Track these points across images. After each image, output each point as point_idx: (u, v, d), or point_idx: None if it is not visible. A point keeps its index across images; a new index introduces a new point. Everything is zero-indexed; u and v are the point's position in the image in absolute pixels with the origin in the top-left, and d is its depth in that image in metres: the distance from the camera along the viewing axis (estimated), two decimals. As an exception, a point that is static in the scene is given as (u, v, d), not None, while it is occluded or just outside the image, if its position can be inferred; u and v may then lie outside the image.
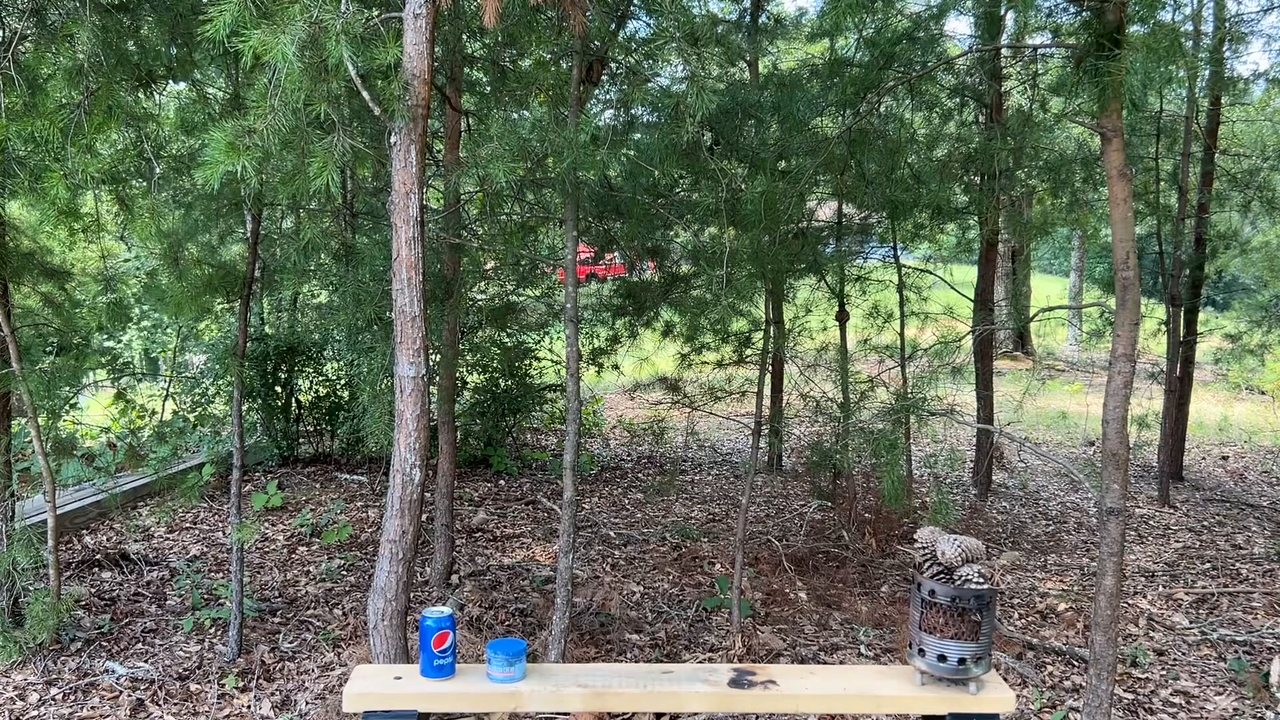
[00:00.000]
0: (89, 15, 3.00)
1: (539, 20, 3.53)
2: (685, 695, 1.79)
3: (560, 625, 3.64)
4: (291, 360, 7.28)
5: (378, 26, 2.74)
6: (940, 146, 6.10)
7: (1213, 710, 3.70)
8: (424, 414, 2.90)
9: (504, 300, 6.70)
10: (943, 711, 1.78)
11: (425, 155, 2.91)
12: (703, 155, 3.76)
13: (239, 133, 2.51)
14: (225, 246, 5.64)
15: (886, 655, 4.15)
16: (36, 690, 3.62)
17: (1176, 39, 2.63)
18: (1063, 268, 23.74)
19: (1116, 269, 2.90)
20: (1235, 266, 12.75)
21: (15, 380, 3.71)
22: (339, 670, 3.87)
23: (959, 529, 5.60)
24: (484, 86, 5.63)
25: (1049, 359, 15.04)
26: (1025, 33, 6.23)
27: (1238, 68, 10.22)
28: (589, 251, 5.75)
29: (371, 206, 6.25)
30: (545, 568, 5.11)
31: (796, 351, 5.36)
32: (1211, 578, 5.27)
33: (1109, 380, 2.94)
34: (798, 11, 10.05)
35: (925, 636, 1.75)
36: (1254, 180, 7.50)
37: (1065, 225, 7.89)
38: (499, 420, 7.67)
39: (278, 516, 5.98)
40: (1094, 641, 2.98)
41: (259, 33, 2.39)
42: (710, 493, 6.96)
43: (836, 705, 1.81)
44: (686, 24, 3.42)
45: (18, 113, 3.05)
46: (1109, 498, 2.93)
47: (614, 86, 4.45)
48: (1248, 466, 8.41)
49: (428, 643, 1.80)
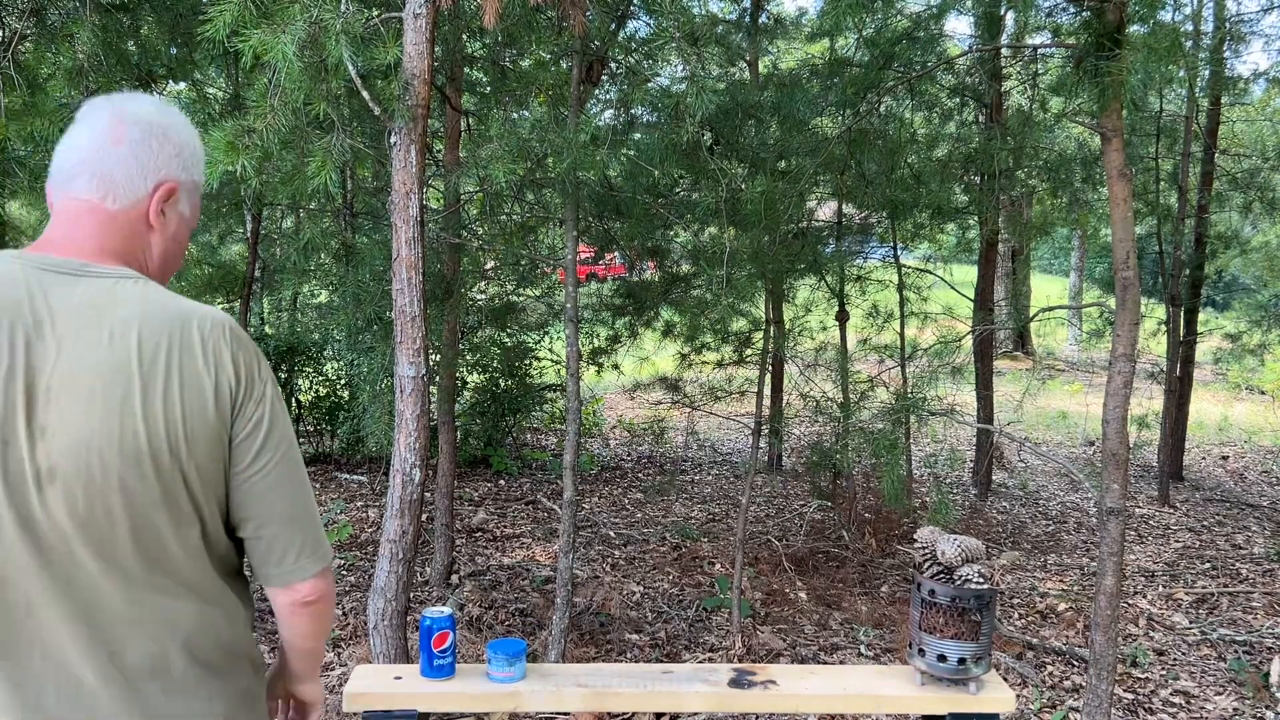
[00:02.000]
0: (89, 15, 3.00)
1: (539, 20, 3.53)
2: (685, 695, 1.79)
3: (560, 625, 3.64)
4: (291, 360, 7.28)
5: (378, 26, 2.75)
6: (940, 146, 6.10)
7: (1213, 710, 3.70)
8: (424, 414, 2.90)
9: (504, 300, 6.70)
10: (943, 711, 1.78)
11: (425, 155, 2.91)
12: (703, 155, 3.76)
13: (239, 132, 2.51)
14: (225, 246, 5.65)
15: (886, 655, 4.15)
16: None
17: (1176, 39, 2.64)
18: (1063, 268, 23.75)
19: (1116, 269, 2.90)
20: (1235, 266, 12.76)
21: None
22: (339, 670, 3.87)
23: (959, 529, 5.60)
24: (484, 86, 5.63)
25: (1049, 359, 15.05)
26: (1025, 32, 6.23)
27: (1238, 68, 10.22)
28: (589, 251, 5.75)
29: (371, 206, 6.25)
30: (545, 568, 5.12)
31: (796, 351, 5.36)
32: (1211, 578, 5.27)
33: (1109, 380, 2.94)
34: (798, 11, 10.06)
35: (925, 636, 1.75)
36: (1254, 180, 7.50)
37: (1065, 225, 7.90)
38: (499, 420, 7.67)
39: (278, 516, 5.98)
40: (1094, 641, 2.98)
41: (259, 33, 2.39)
42: (710, 493, 6.96)
43: (836, 705, 1.82)
44: (686, 24, 3.43)
45: (18, 113, 3.05)
46: (1109, 498, 2.93)
47: (614, 86, 4.45)
48: (1248, 466, 8.41)
49: (427, 643, 1.80)
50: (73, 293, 1.18)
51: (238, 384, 1.22)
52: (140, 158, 1.25)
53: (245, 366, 1.23)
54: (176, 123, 1.31)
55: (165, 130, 1.28)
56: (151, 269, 1.29)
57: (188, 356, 1.18)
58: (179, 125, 1.31)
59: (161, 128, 1.28)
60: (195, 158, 1.33)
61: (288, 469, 1.27)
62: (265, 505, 1.25)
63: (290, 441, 1.28)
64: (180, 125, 1.31)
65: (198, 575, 1.24)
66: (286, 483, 1.27)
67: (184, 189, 1.30)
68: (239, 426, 1.22)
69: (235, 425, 1.22)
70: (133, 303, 1.19)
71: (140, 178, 1.25)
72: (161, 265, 1.30)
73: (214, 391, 1.19)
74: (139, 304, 1.19)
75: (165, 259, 1.31)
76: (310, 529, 1.29)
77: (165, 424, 1.16)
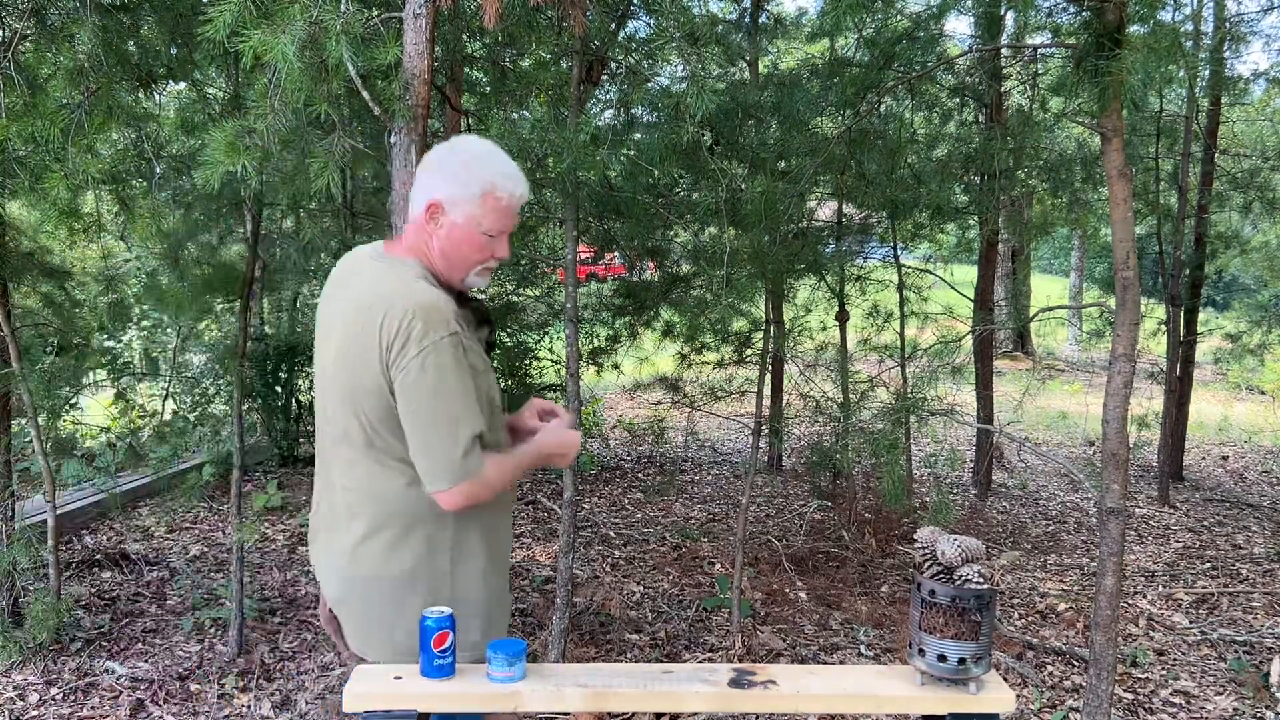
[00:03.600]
0: (89, 15, 3.00)
1: (539, 20, 3.53)
2: (685, 695, 1.79)
3: (560, 625, 3.64)
4: (291, 360, 7.27)
5: (378, 26, 2.74)
6: (940, 146, 6.10)
7: (1213, 710, 3.70)
8: (424, 414, 2.90)
9: (504, 300, 6.69)
10: (943, 711, 1.78)
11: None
12: (703, 155, 3.76)
13: (239, 133, 2.51)
14: (225, 246, 5.64)
15: (886, 655, 4.15)
16: (36, 690, 3.62)
17: (1177, 39, 2.64)
18: (1063, 268, 23.74)
19: (1116, 269, 2.90)
20: (1235, 266, 12.76)
21: (15, 380, 3.71)
22: (339, 670, 3.87)
23: (959, 529, 5.60)
24: (484, 86, 5.63)
25: (1049, 359, 15.05)
26: (1025, 32, 6.23)
27: (1238, 67, 10.22)
28: (589, 251, 5.75)
29: (371, 206, 6.24)
30: (545, 568, 5.12)
31: (796, 351, 5.36)
32: (1211, 578, 5.27)
33: (1109, 380, 2.94)
34: (798, 11, 10.05)
35: (925, 636, 1.75)
36: (1254, 180, 7.49)
37: (1065, 225, 7.89)
38: (499, 420, 7.65)
39: (278, 516, 5.98)
40: (1094, 641, 2.98)
41: (259, 33, 2.39)
42: (710, 493, 6.96)
43: (836, 705, 1.82)
44: (686, 24, 3.42)
45: (18, 113, 3.05)
46: (1109, 498, 2.93)
47: (614, 86, 4.45)
48: (1248, 466, 8.41)
49: (428, 643, 1.80)
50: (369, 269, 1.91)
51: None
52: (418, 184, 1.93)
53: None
54: (440, 157, 1.91)
55: (437, 163, 1.91)
56: (434, 261, 1.91)
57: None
58: (442, 157, 1.91)
59: (434, 162, 1.91)
60: (456, 179, 1.88)
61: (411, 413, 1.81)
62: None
63: (437, 386, 1.79)
64: (446, 158, 1.91)
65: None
66: (408, 421, 1.81)
67: (446, 203, 1.87)
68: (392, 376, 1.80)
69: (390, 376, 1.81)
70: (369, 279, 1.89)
71: (418, 201, 1.91)
72: (441, 259, 1.91)
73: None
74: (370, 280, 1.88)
75: (444, 255, 1.90)
76: (429, 459, 1.81)
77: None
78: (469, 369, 1.82)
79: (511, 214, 1.91)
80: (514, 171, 1.90)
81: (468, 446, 1.80)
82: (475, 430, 1.82)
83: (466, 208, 1.86)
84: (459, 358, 1.79)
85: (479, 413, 1.83)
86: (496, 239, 1.91)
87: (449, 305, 1.82)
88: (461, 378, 1.80)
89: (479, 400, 1.84)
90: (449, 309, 1.81)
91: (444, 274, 1.90)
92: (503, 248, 1.93)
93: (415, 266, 1.87)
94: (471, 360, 1.84)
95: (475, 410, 1.82)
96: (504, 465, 1.91)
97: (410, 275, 1.84)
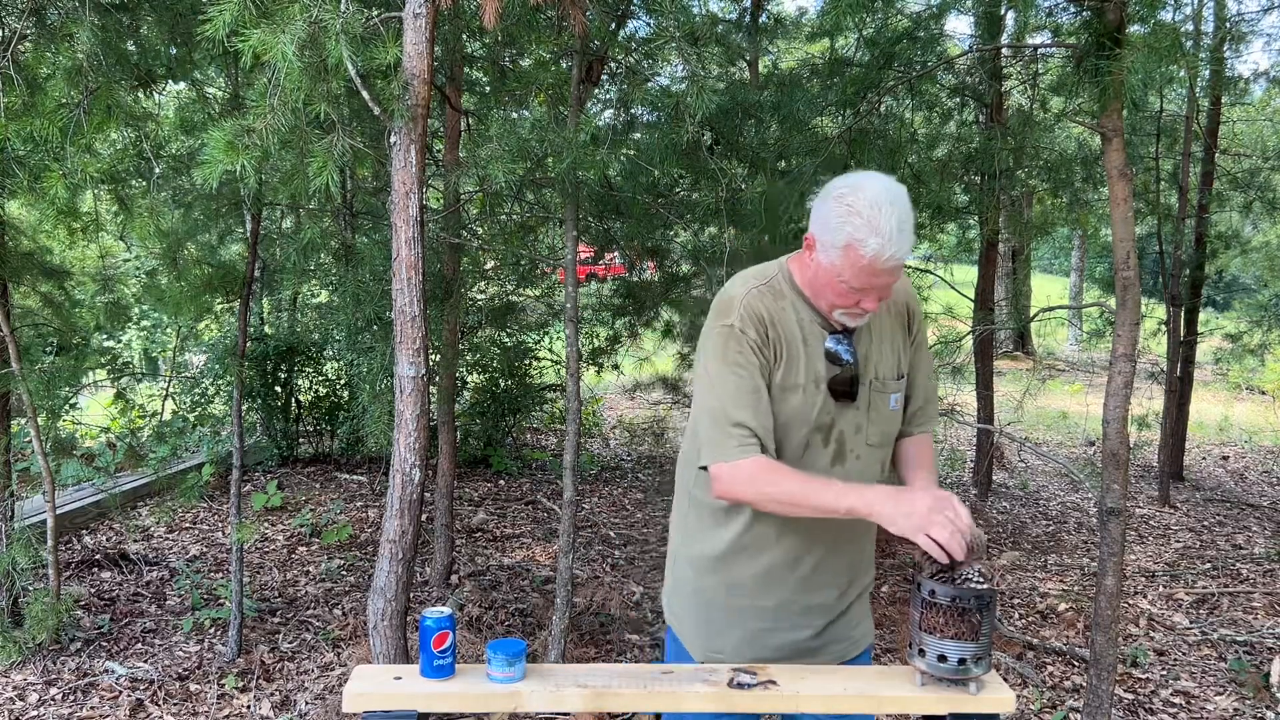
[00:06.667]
0: (89, 15, 3.00)
1: (539, 20, 3.52)
2: (685, 695, 1.79)
3: (560, 625, 3.64)
4: (291, 360, 7.27)
5: (377, 26, 2.74)
6: (940, 146, 6.09)
7: (1213, 710, 3.70)
8: (424, 414, 2.90)
9: (504, 300, 6.69)
10: (943, 711, 1.77)
11: (425, 155, 2.90)
12: (703, 155, 3.76)
13: (238, 132, 2.50)
14: (225, 246, 5.64)
15: (886, 655, 4.15)
16: (36, 690, 3.62)
17: (1177, 39, 2.63)
18: (1063, 268, 23.74)
19: (1117, 269, 2.89)
20: (1235, 266, 12.76)
21: (15, 380, 3.71)
22: (339, 670, 3.87)
23: (959, 529, 5.57)
24: (484, 86, 5.63)
25: (1049, 359, 15.04)
26: (1025, 32, 6.22)
27: (1238, 67, 10.19)
28: (589, 251, 5.74)
29: (371, 206, 6.24)
30: (545, 568, 5.11)
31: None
32: (1212, 578, 5.27)
33: (1109, 380, 2.94)
34: (798, 11, 10.04)
35: (925, 637, 1.75)
36: (1254, 180, 7.49)
37: (1065, 225, 7.89)
38: (499, 420, 7.66)
39: (277, 516, 5.98)
40: (1094, 641, 2.98)
41: (259, 32, 2.39)
42: (710, 493, 6.95)
43: (836, 705, 1.81)
44: (686, 24, 3.42)
45: (17, 112, 3.04)
46: (1109, 498, 2.93)
47: (614, 86, 4.45)
48: (1248, 466, 8.41)
49: (427, 643, 1.79)
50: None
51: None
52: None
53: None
54: (828, 190, 1.84)
55: (823, 197, 1.85)
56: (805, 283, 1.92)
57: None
58: (828, 192, 1.83)
59: (825, 193, 1.85)
60: (828, 223, 1.81)
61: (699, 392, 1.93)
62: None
63: (703, 373, 1.90)
64: (828, 196, 1.83)
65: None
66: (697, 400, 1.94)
67: (816, 243, 1.84)
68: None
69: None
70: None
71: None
72: (807, 288, 1.92)
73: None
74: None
75: (809, 286, 1.91)
76: (705, 436, 1.87)
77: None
78: (734, 364, 1.86)
79: (876, 272, 1.78)
80: (891, 230, 1.74)
81: (727, 429, 1.83)
82: (735, 419, 1.82)
83: (830, 254, 1.80)
84: (726, 349, 1.86)
85: (745, 404, 1.83)
86: (863, 291, 1.82)
87: (747, 301, 1.89)
88: (723, 369, 1.86)
89: (749, 395, 1.85)
90: (742, 304, 1.89)
91: (811, 299, 1.92)
92: (870, 302, 1.84)
93: (781, 269, 1.96)
94: (747, 359, 1.86)
95: (740, 400, 1.83)
96: (785, 475, 1.81)
97: (758, 270, 1.97)
